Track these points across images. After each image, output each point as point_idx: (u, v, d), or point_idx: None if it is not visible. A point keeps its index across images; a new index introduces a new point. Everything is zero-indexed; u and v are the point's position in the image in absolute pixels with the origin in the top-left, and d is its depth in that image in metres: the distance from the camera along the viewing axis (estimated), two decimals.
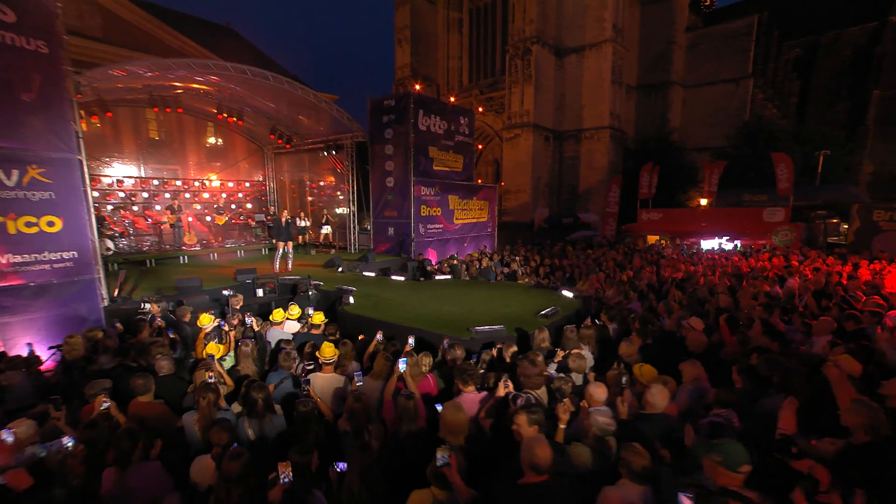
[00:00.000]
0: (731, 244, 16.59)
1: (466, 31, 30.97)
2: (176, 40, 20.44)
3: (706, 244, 17.16)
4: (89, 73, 7.37)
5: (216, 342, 4.94)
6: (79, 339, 4.71)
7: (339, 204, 15.32)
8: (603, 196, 22.45)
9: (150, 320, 5.77)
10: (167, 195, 13.84)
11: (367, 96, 13.67)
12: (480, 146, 30.97)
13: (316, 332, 5.37)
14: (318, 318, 5.46)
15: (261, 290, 8.30)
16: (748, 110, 28.13)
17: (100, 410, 3.08)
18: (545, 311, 6.54)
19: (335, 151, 13.98)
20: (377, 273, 10.76)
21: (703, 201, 21.72)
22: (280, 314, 5.67)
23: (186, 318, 6.06)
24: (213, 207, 14.82)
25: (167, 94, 11.84)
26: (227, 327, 5.27)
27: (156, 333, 5.49)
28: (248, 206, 16.10)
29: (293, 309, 5.92)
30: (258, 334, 5.40)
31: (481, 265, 12.00)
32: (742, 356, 4.22)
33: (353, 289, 7.64)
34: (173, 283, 8.19)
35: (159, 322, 5.73)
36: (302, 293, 7.92)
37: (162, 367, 3.99)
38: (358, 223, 14.99)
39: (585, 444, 2.75)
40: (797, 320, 5.59)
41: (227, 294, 6.54)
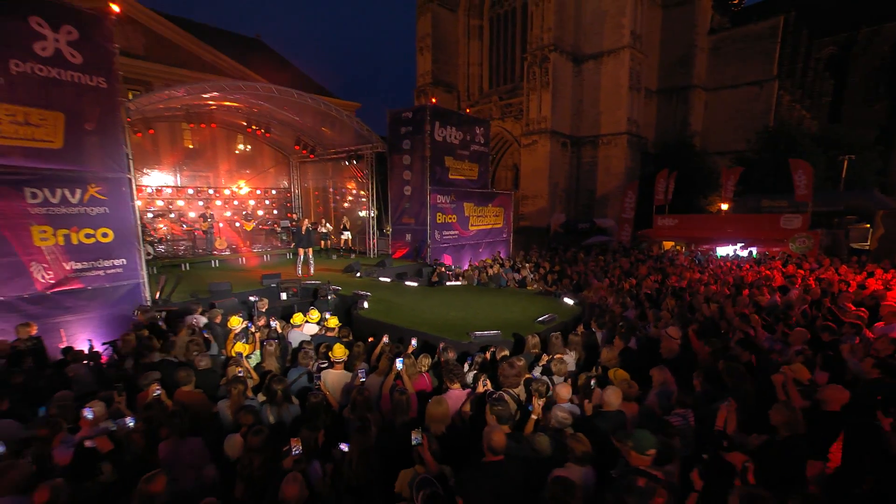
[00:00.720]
0: (745, 251, 16.53)
1: (487, 38, 31.48)
2: (210, 55, 21.74)
3: (721, 251, 17.14)
4: (137, 99, 8.31)
5: (244, 342, 5.66)
6: (132, 336, 5.51)
7: (360, 209, 16.09)
8: (620, 201, 22.57)
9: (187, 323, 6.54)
10: (200, 203, 14.92)
11: (389, 102, 14.48)
12: (499, 151, 31.43)
13: (331, 334, 6.03)
14: (332, 322, 6.13)
15: (285, 293, 9.06)
16: (773, 113, 27.60)
17: (153, 396, 3.79)
18: (543, 318, 7.03)
19: (356, 161, 14.76)
20: (393, 278, 11.40)
21: (724, 206, 21.59)
22: (300, 318, 6.37)
23: (218, 320, 6.83)
24: (242, 214, 15.84)
25: (202, 111, 12.84)
26: (253, 328, 5.99)
27: (192, 333, 6.26)
28: (274, 212, 17.08)
29: (313, 313, 6.60)
30: (280, 335, 6.10)
31: (492, 271, 12.50)
32: (711, 363, 4.65)
33: (369, 294, 8.29)
34: (206, 287, 9.03)
35: (195, 324, 6.49)
36: (322, 297, 8.62)
37: (200, 362, 4.71)
38: (378, 228, 15.72)
39: (546, 435, 3.28)
40: (779, 329, 5.91)
41: (253, 300, 7.27)
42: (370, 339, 6.24)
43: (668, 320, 6.36)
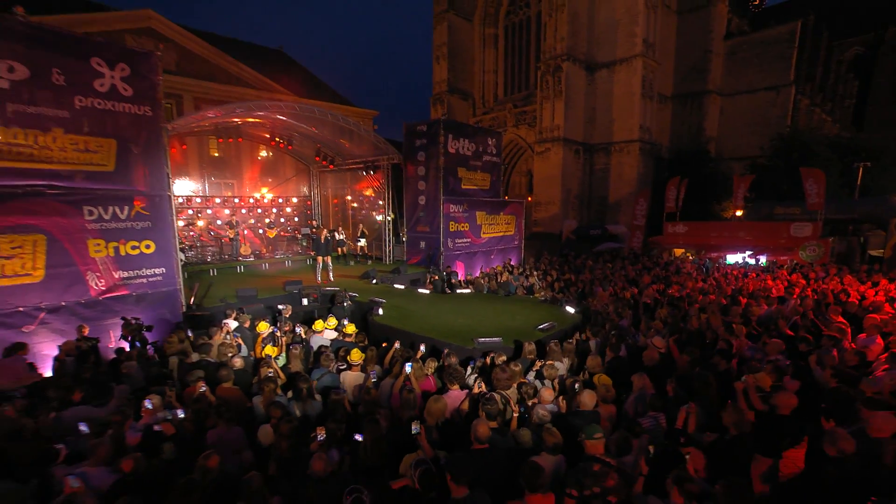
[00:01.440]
0: (754, 259, 16.66)
1: (501, 46, 32.01)
2: (236, 68, 22.88)
3: (731, 258, 17.31)
4: (175, 122, 9.16)
5: (271, 345, 6.37)
6: (175, 337, 6.28)
7: (377, 214, 16.79)
8: (632, 208, 22.84)
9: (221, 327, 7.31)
10: (227, 211, 15.88)
11: (406, 107, 15.33)
12: (514, 158, 31.90)
13: (349, 339, 6.69)
14: (350, 328, 6.80)
15: (306, 299, 9.78)
16: (790, 118, 27.41)
17: (199, 392, 4.51)
18: (542, 326, 7.57)
19: (373, 171, 15.51)
20: (406, 285, 12.05)
21: (738, 213, 21.66)
22: (320, 325, 7.07)
23: (247, 325, 7.56)
24: (266, 222, 16.75)
25: (229, 126, 13.77)
26: (279, 333, 6.70)
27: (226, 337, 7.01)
28: (295, 219, 17.98)
29: (331, 320, 7.29)
30: (304, 340, 6.80)
31: (502, 279, 13.04)
32: (688, 371, 5.15)
33: (384, 301, 8.94)
34: (234, 293, 9.80)
35: (228, 327, 7.25)
36: (339, 303, 9.30)
37: (236, 363, 5.42)
38: (395, 234, 16.41)
39: (528, 429, 3.86)
40: (762, 340, 6.32)
41: (280, 307, 8.01)
42: (384, 345, 6.90)
43: (658, 329, 6.82)
